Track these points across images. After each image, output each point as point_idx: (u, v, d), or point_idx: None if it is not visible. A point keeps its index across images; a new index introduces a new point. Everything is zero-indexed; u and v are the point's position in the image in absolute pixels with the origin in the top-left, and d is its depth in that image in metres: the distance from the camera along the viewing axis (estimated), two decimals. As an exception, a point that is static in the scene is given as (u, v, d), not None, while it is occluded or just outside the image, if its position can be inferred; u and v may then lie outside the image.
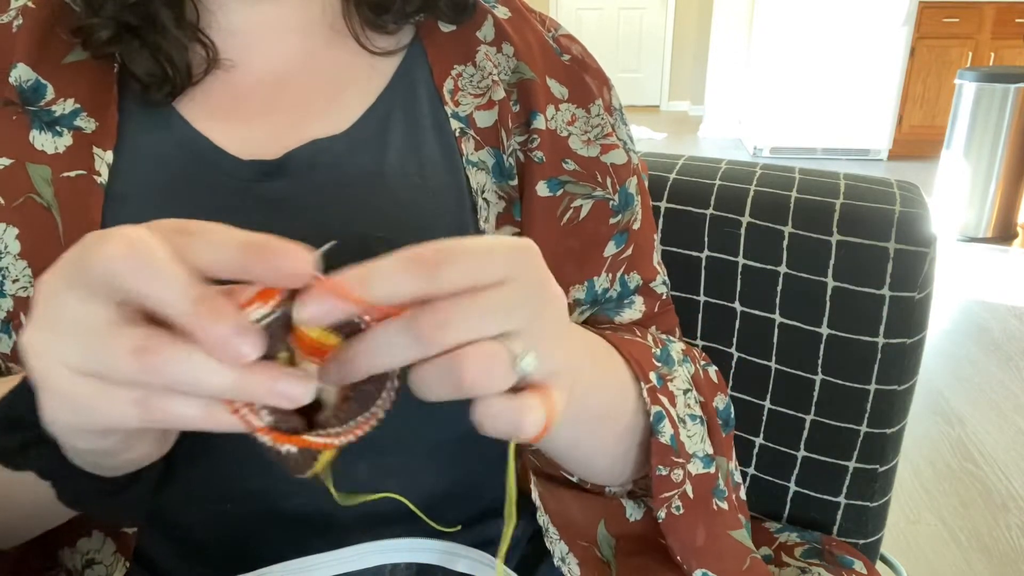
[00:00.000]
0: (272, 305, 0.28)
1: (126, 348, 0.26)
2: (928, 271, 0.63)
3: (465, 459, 0.53)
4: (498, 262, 0.29)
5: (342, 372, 0.29)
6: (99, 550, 0.50)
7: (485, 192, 0.51)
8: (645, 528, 0.56)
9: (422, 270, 0.27)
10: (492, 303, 0.28)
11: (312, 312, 0.28)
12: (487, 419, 0.29)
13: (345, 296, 0.27)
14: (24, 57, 0.48)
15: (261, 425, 0.28)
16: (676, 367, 0.53)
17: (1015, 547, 1.65)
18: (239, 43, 0.51)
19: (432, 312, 0.27)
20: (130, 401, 0.27)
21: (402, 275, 0.27)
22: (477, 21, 0.54)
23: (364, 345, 0.29)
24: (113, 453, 0.31)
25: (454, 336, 0.28)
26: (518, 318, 0.29)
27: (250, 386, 0.27)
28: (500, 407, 0.29)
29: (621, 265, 0.56)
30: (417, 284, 0.27)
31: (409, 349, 0.28)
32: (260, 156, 0.48)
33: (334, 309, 0.28)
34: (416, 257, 0.28)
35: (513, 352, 0.29)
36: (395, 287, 0.27)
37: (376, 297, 0.27)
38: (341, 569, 0.48)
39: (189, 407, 0.27)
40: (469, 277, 0.28)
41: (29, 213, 0.45)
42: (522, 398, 0.29)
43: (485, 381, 0.28)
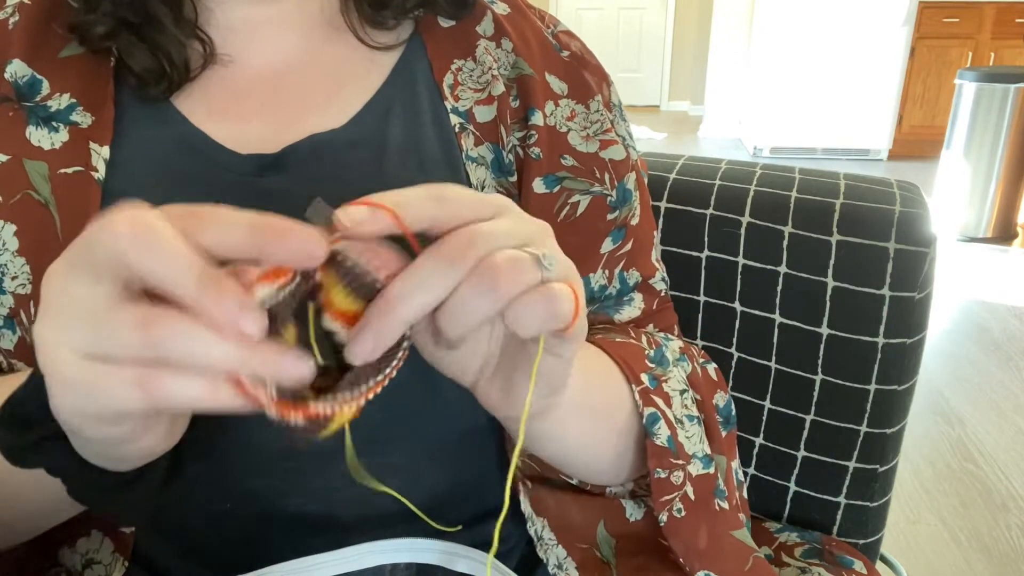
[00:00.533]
0: (279, 285, 0.28)
1: (130, 322, 0.26)
2: (928, 271, 0.63)
3: (466, 459, 0.53)
4: (491, 201, 0.32)
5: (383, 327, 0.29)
6: (98, 550, 0.50)
7: (484, 188, 0.51)
8: (645, 528, 0.56)
9: (439, 198, 0.30)
10: (501, 224, 0.31)
11: (360, 216, 0.29)
12: (524, 312, 0.30)
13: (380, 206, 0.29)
14: (20, 53, 0.48)
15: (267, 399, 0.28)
16: (671, 367, 0.53)
17: (1015, 547, 1.65)
18: (237, 39, 0.51)
19: (457, 235, 0.30)
20: (132, 381, 0.27)
21: (424, 200, 0.30)
22: (476, 16, 0.54)
23: (402, 285, 0.29)
24: (122, 442, 0.31)
25: (481, 250, 0.30)
26: (525, 233, 0.32)
27: (255, 361, 0.27)
28: (535, 299, 0.30)
29: (619, 261, 0.56)
30: (436, 209, 0.30)
31: (444, 275, 0.29)
32: (259, 151, 0.48)
33: (376, 218, 0.29)
34: (433, 188, 0.30)
35: (534, 252, 0.31)
36: (419, 209, 0.30)
37: (407, 214, 0.29)
38: (341, 569, 0.47)
39: (193, 386, 0.27)
40: (475, 209, 0.31)
41: (27, 210, 0.45)
42: (551, 288, 0.31)
43: (517, 278, 0.30)
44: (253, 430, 0.47)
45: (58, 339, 0.27)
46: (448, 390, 0.49)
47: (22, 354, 0.46)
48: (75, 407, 0.28)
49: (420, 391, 0.48)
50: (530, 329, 0.30)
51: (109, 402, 0.27)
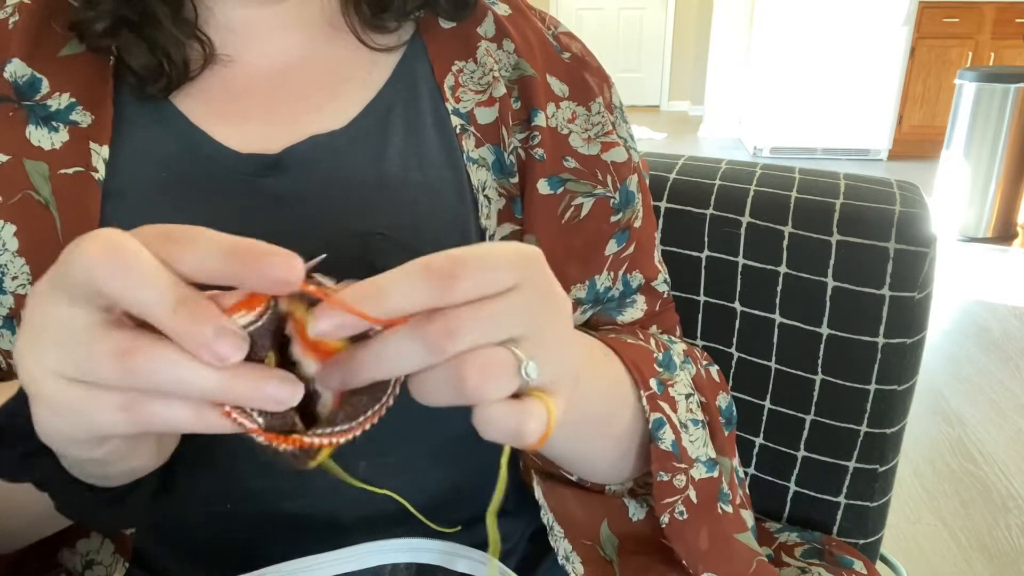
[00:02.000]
0: (259, 312, 0.27)
1: (108, 351, 0.26)
2: (928, 271, 0.63)
3: (466, 459, 0.53)
4: (508, 270, 0.29)
5: (346, 377, 0.29)
6: (98, 551, 0.50)
7: (486, 189, 0.51)
8: (648, 528, 0.56)
9: (435, 282, 0.27)
10: (501, 310, 0.28)
11: (326, 328, 0.27)
12: (488, 425, 0.29)
13: (357, 312, 0.27)
14: (19, 52, 0.48)
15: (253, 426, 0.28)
16: (678, 371, 0.53)
17: (1015, 547, 1.65)
18: (237, 40, 0.51)
19: (442, 320, 0.27)
20: (117, 406, 0.26)
21: (415, 287, 0.27)
22: (478, 17, 0.54)
23: (371, 352, 0.28)
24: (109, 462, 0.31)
25: (463, 344, 0.28)
26: (525, 324, 0.29)
27: (236, 388, 0.26)
28: (501, 413, 0.29)
29: (623, 263, 0.56)
30: (430, 296, 0.27)
31: (417, 357, 0.28)
32: (259, 151, 0.48)
33: (348, 325, 0.27)
34: (429, 268, 0.27)
35: (518, 358, 0.29)
36: (408, 300, 0.27)
37: (390, 310, 0.27)
38: (341, 569, 0.47)
39: (178, 410, 0.27)
40: (480, 288, 0.28)
41: (27, 210, 0.45)
42: (524, 404, 0.29)
43: (488, 387, 0.28)
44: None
45: (38, 360, 0.27)
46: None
47: None
48: (57, 428, 0.28)
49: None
50: (493, 438, 0.29)
51: (93, 425, 0.27)
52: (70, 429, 0.28)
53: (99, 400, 0.26)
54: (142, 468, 0.33)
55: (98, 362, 0.26)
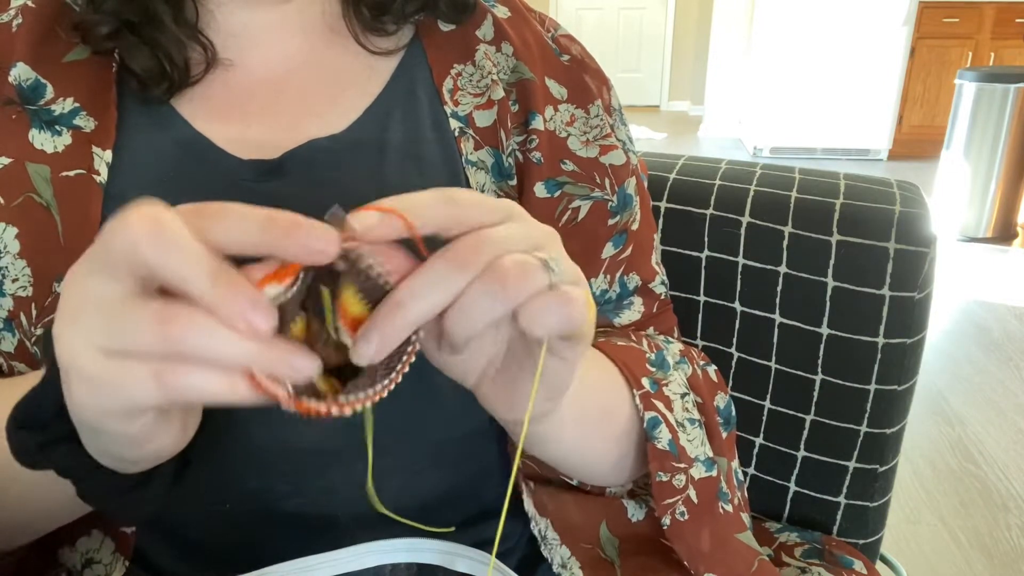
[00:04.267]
0: (288, 283, 0.28)
1: (147, 318, 0.26)
2: (928, 271, 0.63)
3: (465, 460, 0.53)
4: (499, 206, 0.32)
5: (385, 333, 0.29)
6: (98, 549, 0.50)
7: (484, 192, 0.51)
8: (648, 528, 0.56)
9: (448, 202, 0.30)
10: (510, 228, 0.31)
11: (371, 221, 0.29)
12: (536, 314, 0.30)
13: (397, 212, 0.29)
14: (24, 56, 0.48)
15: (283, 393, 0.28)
16: (671, 371, 0.53)
17: (1015, 547, 1.65)
18: (239, 44, 0.51)
19: (465, 240, 0.30)
20: (151, 375, 0.27)
21: (433, 204, 0.30)
22: (477, 20, 0.54)
23: (410, 287, 0.29)
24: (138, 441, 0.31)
25: (489, 255, 0.30)
26: (533, 238, 0.32)
27: (269, 358, 0.27)
28: (546, 299, 0.30)
29: (620, 266, 0.56)
30: (445, 213, 0.30)
31: (452, 279, 0.29)
32: (259, 156, 0.48)
33: (387, 223, 0.29)
34: (442, 192, 0.30)
35: (541, 257, 0.31)
36: (429, 213, 0.30)
37: (417, 218, 0.29)
38: (341, 569, 0.48)
39: (210, 380, 0.27)
40: (483, 213, 0.31)
41: (28, 212, 0.45)
42: (562, 289, 0.31)
43: (526, 282, 0.30)
44: (253, 431, 0.47)
45: (77, 336, 0.27)
46: (447, 391, 0.49)
47: (22, 357, 0.46)
48: (94, 403, 0.29)
49: (419, 392, 0.48)
50: (546, 330, 0.31)
51: (128, 396, 0.28)
52: (106, 402, 0.28)
53: (135, 370, 0.27)
54: (167, 450, 0.33)
55: (137, 329, 0.26)
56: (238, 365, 0.27)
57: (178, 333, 0.26)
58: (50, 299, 0.45)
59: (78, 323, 0.28)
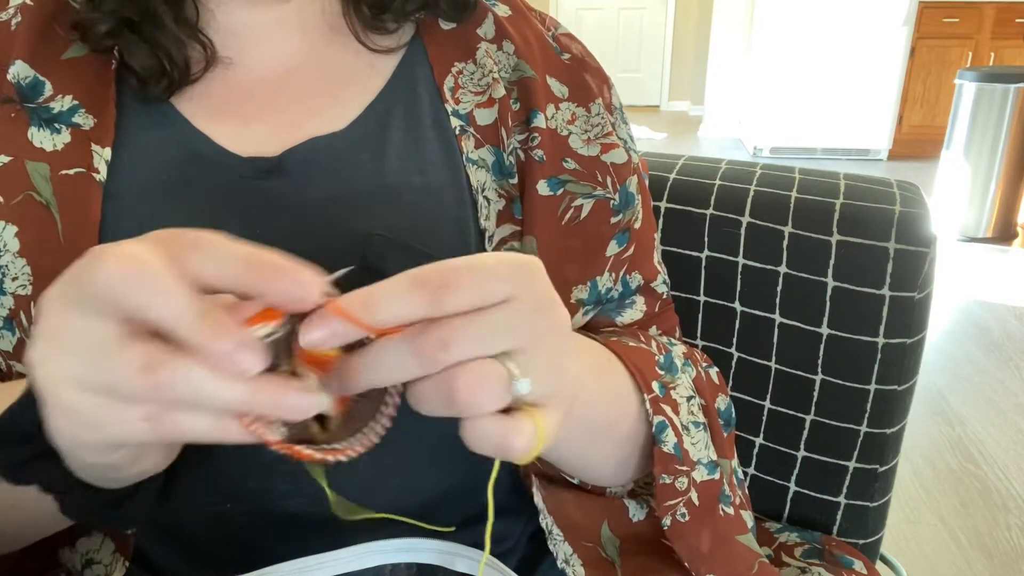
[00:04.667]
0: (277, 323, 0.27)
1: (134, 365, 0.26)
2: (928, 271, 0.63)
3: (465, 459, 0.53)
4: (503, 281, 0.28)
5: (343, 386, 0.29)
6: (98, 550, 0.50)
7: (485, 190, 0.51)
8: (648, 528, 0.56)
9: (427, 293, 0.27)
10: (495, 322, 0.28)
11: (318, 337, 0.27)
12: (474, 438, 0.29)
13: (350, 319, 0.27)
14: (22, 54, 0.48)
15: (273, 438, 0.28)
16: (679, 374, 0.53)
17: (1015, 547, 1.65)
18: (238, 42, 0.51)
19: (436, 331, 0.27)
20: (140, 416, 0.26)
21: (407, 298, 0.27)
22: (477, 18, 0.54)
23: (365, 361, 0.29)
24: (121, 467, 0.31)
25: (456, 356, 0.28)
26: (520, 337, 0.29)
27: (259, 400, 0.27)
28: (488, 427, 0.28)
29: (623, 265, 0.56)
30: (422, 307, 0.27)
31: (410, 367, 0.28)
32: (259, 154, 0.48)
33: (339, 333, 0.27)
34: (421, 279, 0.27)
35: (511, 372, 0.29)
36: (400, 310, 0.27)
37: (381, 321, 0.27)
38: (341, 569, 0.47)
39: (200, 421, 0.27)
40: (474, 299, 0.28)
41: (28, 211, 0.45)
42: (512, 420, 0.29)
43: (477, 400, 0.28)
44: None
45: (57, 369, 0.27)
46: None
47: (21, 356, 0.46)
48: (75, 436, 0.28)
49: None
50: (480, 451, 0.29)
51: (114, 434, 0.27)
52: (89, 436, 0.28)
53: (122, 410, 0.26)
54: (151, 470, 0.33)
55: (123, 375, 0.26)
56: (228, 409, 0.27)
57: (166, 380, 0.25)
58: None
59: (58, 355, 0.27)
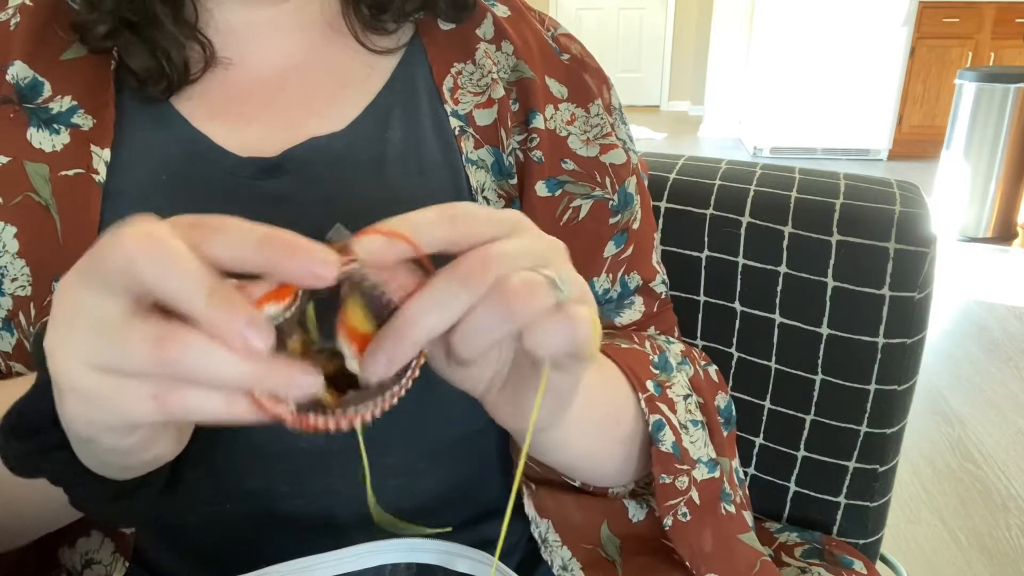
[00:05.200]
0: (287, 303, 0.28)
1: (142, 338, 0.26)
2: (928, 271, 0.63)
3: (465, 459, 0.53)
4: (503, 219, 0.31)
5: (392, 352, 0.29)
6: (98, 550, 0.50)
7: (484, 191, 0.51)
8: (649, 528, 0.56)
9: (452, 219, 0.30)
10: (516, 243, 0.31)
11: (375, 246, 0.29)
12: (542, 336, 0.30)
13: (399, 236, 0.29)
14: (21, 55, 0.48)
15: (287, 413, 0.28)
16: (675, 373, 0.53)
17: (1015, 547, 1.65)
18: (238, 42, 0.51)
19: (471, 256, 0.29)
20: (148, 395, 0.27)
21: (438, 223, 0.30)
22: (477, 19, 0.54)
23: (417, 305, 0.29)
24: (133, 452, 0.31)
25: (496, 272, 0.29)
26: (540, 255, 0.31)
27: (267, 377, 0.27)
28: (553, 321, 0.30)
29: (621, 265, 0.56)
30: (450, 231, 0.30)
31: (459, 297, 0.29)
32: (259, 154, 0.48)
33: (392, 246, 0.29)
34: (446, 209, 0.30)
35: (548, 275, 0.30)
36: (434, 232, 0.29)
37: (420, 239, 0.29)
38: (341, 569, 0.47)
39: (209, 399, 0.27)
40: (487, 229, 0.30)
41: (27, 211, 0.45)
42: (570, 310, 0.30)
43: (532, 301, 0.29)
44: (252, 432, 0.47)
45: (70, 350, 0.27)
46: (447, 392, 0.49)
47: (21, 356, 0.46)
48: (87, 417, 0.28)
49: (419, 392, 0.48)
50: (551, 351, 0.30)
51: (124, 413, 0.27)
52: (102, 418, 0.28)
53: (131, 389, 0.27)
54: (160, 458, 0.33)
55: (132, 350, 0.26)
56: (236, 385, 0.27)
57: (175, 355, 0.26)
58: (49, 299, 0.45)
59: (72, 338, 0.27)
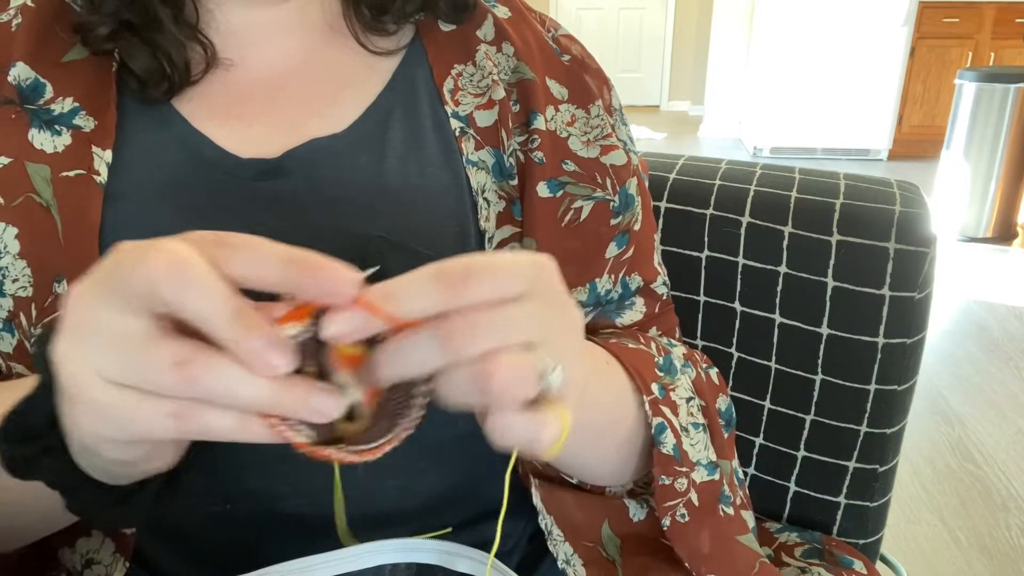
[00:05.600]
0: (306, 323, 0.28)
1: (166, 361, 0.26)
2: (928, 271, 0.63)
3: (465, 459, 0.53)
4: (520, 277, 0.29)
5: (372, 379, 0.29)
6: (98, 550, 0.50)
7: (485, 192, 0.51)
8: (649, 528, 0.56)
9: (449, 286, 0.28)
10: (516, 314, 0.29)
11: (341, 329, 0.28)
12: (505, 431, 0.29)
13: (374, 311, 0.27)
14: (23, 56, 0.48)
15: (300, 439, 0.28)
16: (678, 375, 0.53)
17: (1015, 547, 1.65)
18: (238, 43, 0.51)
19: (461, 319, 0.28)
20: (167, 412, 0.27)
21: (429, 291, 0.28)
22: (477, 20, 0.54)
23: (392, 353, 0.29)
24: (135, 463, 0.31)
25: (482, 344, 0.28)
26: (539, 330, 0.29)
27: (287, 400, 0.27)
28: (519, 422, 0.29)
29: (622, 266, 0.56)
30: (444, 299, 0.28)
31: (437, 356, 0.28)
32: (259, 155, 0.48)
33: (363, 326, 0.28)
34: (443, 273, 0.28)
35: (541, 363, 0.29)
36: (422, 302, 0.28)
37: (404, 313, 0.28)
38: (341, 569, 0.47)
39: (224, 419, 0.27)
40: (494, 292, 0.28)
41: (28, 212, 0.45)
42: (540, 414, 0.29)
43: (512, 390, 0.28)
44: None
45: (86, 362, 0.27)
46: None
47: (21, 357, 0.46)
48: (97, 430, 0.28)
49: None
50: (506, 445, 0.29)
51: (139, 429, 0.27)
52: (112, 432, 0.28)
53: (150, 406, 0.27)
54: (161, 466, 0.33)
55: (156, 371, 0.26)
56: (255, 408, 0.27)
57: (196, 376, 0.26)
58: (50, 299, 0.45)
59: (87, 349, 0.27)
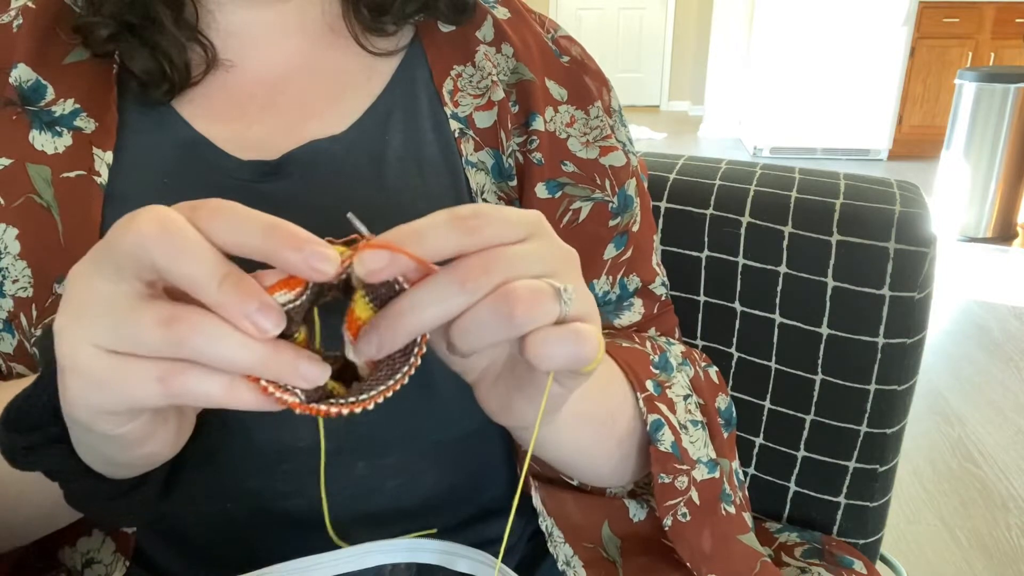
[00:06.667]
0: (297, 292, 0.28)
1: (153, 319, 0.26)
2: (928, 271, 0.63)
3: (465, 459, 0.53)
4: (523, 222, 0.31)
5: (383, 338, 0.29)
6: (99, 549, 0.50)
7: (484, 193, 0.51)
8: (649, 528, 0.56)
9: (463, 226, 0.29)
10: (526, 250, 0.30)
11: (377, 264, 0.28)
12: (545, 349, 0.29)
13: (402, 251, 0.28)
14: (24, 57, 0.48)
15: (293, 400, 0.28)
16: (675, 373, 0.53)
17: (1015, 547, 1.65)
18: (238, 44, 0.51)
19: (475, 259, 0.29)
20: (154, 376, 0.27)
21: (446, 230, 0.29)
22: (477, 21, 0.54)
23: (412, 299, 0.29)
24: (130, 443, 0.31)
25: (498, 277, 0.29)
26: (550, 263, 0.31)
27: (273, 363, 0.27)
28: (557, 335, 0.29)
29: (621, 267, 0.56)
30: (459, 238, 0.29)
31: (456, 297, 0.29)
32: (259, 156, 0.48)
33: (393, 263, 0.28)
34: (457, 214, 0.29)
35: (554, 285, 0.30)
36: (441, 241, 0.29)
37: (426, 250, 0.29)
38: (341, 569, 0.48)
39: (212, 383, 0.27)
40: (502, 233, 0.30)
41: (29, 213, 0.45)
42: (574, 326, 0.30)
43: (535, 312, 0.29)
44: (252, 431, 0.47)
45: (79, 333, 0.27)
46: (446, 391, 0.49)
47: (21, 358, 0.46)
48: (89, 400, 0.29)
49: (418, 392, 0.48)
50: (552, 365, 0.30)
51: (127, 395, 0.28)
52: (102, 401, 0.28)
53: (137, 370, 0.27)
54: (158, 455, 0.33)
55: (142, 330, 0.26)
56: (243, 369, 0.27)
57: (183, 335, 0.26)
58: (50, 300, 0.45)
59: (81, 321, 0.28)
